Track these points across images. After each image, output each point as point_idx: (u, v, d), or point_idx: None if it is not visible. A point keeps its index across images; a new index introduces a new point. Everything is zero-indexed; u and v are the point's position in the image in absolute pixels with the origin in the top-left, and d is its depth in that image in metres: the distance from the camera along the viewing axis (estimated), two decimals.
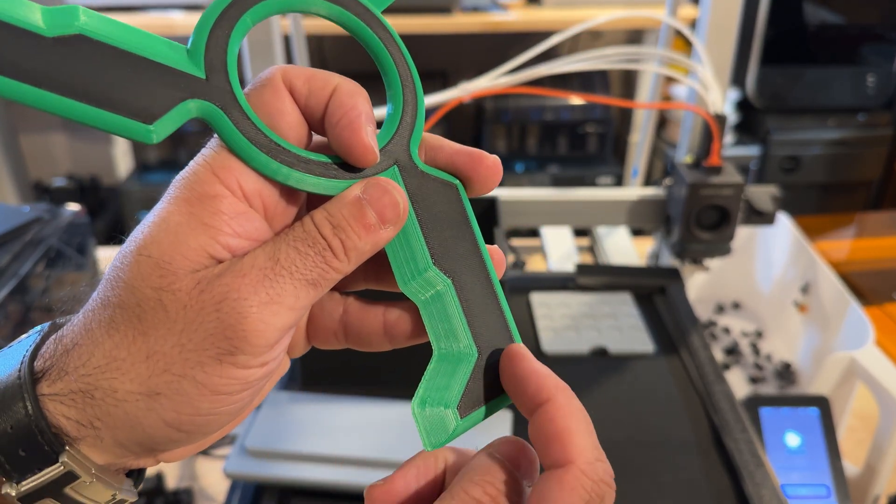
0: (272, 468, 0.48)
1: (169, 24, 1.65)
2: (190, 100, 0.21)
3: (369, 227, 0.22)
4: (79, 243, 0.70)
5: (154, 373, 0.20)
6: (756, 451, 0.51)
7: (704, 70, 0.66)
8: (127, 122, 0.20)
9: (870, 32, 1.94)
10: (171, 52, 0.21)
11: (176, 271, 0.20)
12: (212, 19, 0.22)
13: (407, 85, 0.25)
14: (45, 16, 0.20)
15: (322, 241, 0.21)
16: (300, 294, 0.21)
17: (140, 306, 0.20)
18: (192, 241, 0.20)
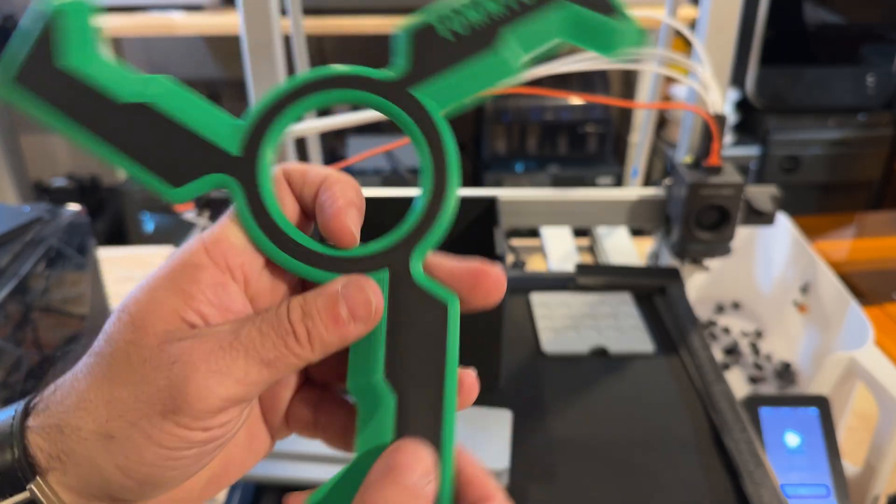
0: (272, 467, 0.48)
1: (169, 25, 1.65)
2: (217, 174, 0.24)
3: (338, 320, 0.23)
4: (79, 243, 0.70)
5: (111, 417, 0.21)
6: (756, 451, 0.51)
7: (704, 70, 0.66)
8: (156, 180, 0.24)
9: (870, 32, 1.94)
10: (218, 125, 0.24)
11: (147, 329, 0.22)
12: (266, 104, 0.24)
13: (437, 198, 0.25)
14: (124, 84, 0.24)
15: (287, 326, 0.22)
16: (251, 370, 0.22)
17: (112, 356, 0.22)
18: (167, 304, 0.22)
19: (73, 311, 0.69)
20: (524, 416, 0.56)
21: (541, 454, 0.52)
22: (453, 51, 0.25)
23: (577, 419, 0.56)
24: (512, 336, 0.66)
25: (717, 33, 0.68)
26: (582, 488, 0.50)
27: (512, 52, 0.25)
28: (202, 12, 1.69)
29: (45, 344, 0.63)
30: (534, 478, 0.50)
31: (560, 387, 0.60)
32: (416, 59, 0.25)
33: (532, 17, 0.25)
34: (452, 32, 0.25)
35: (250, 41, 0.67)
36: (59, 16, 0.24)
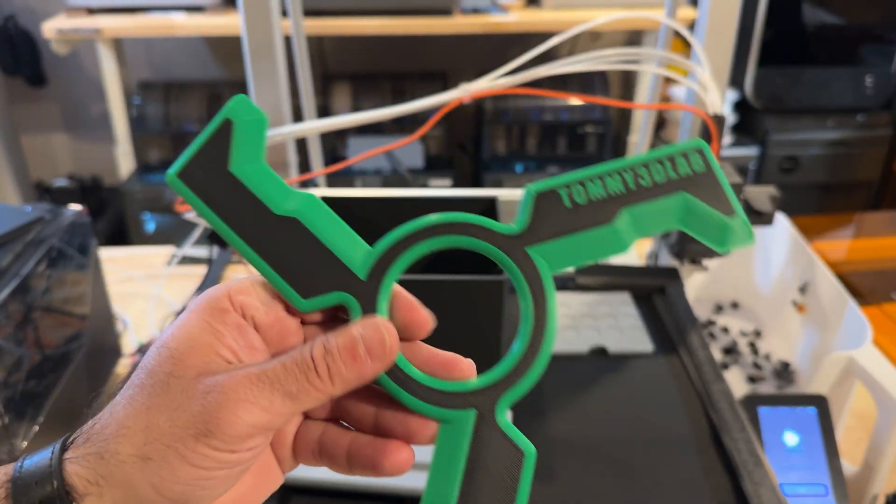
0: None
1: (170, 26, 1.65)
2: (342, 292, 0.26)
3: (356, 357, 0.25)
4: (80, 243, 0.70)
5: (148, 440, 0.24)
6: (755, 450, 0.51)
7: (703, 71, 0.66)
8: (288, 288, 0.26)
9: (869, 33, 1.94)
10: (353, 248, 0.26)
11: (185, 361, 0.25)
12: (396, 237, 0.27)
13: (532, 352, 0.26)
14: (280, 197, 0.26)
15: (309, 362, 0.25)
16: (275, 401, 0.24)
17: (153, 387, 0.24)
18: (202, 340, 0.25)
19: (74, 311, 0.69)
20: (524, 416, 0.56)
21: (540, 453, 0.52)
22: (572, 219, 0.26)
23: (577, 418, 0.56)
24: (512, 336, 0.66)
25: (715, 34, 0.69)
26: (581, 487, 0.50)
27: (626, 231, 0.26)
28: (203, 13, 1.69)
29: (46, 344, 0.63)
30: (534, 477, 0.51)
31: (560, 386, 0.60)
32: (536, 219, 0.27)
33: (651, 201, 0.26)
34: (573, 201, 0.27)
35: (251, 42, 0.68)
36: (235, 125, 0.26)
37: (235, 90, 1.81)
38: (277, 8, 0.68)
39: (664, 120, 1.96)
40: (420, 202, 0.68)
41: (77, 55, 2.04)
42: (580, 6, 1.76)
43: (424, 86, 1.87)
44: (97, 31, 1.63)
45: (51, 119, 2.15)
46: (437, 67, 2.01)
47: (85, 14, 1.68)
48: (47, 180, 2.00)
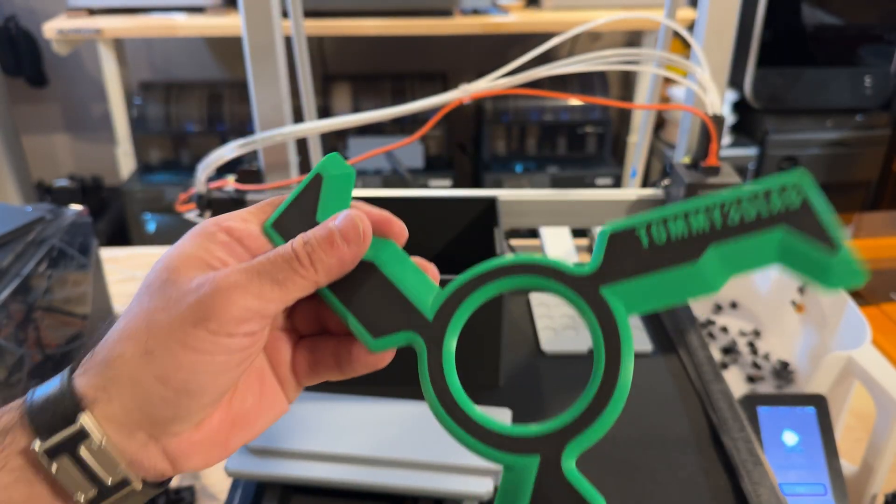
0: (273, 466, 0.48)
1: (171, 26, 1.66)
2: (410, 331, 0.27)
3: (333, 243, 0.27)
4: (81, 243, 0.70)
5: (150, 336, 0.25)
6: (754, 450, 0.52)
7: (702, 71, 0.66)
8: (360, 327, 0.28)
9: (867, 33, 1.94)
10: (423, 290, 0.28)
11: (180, 271, 0.26)
12: (465, 279, 0.27)
13: (603, 399, 0.25)
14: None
15: (290, 253, 0.27)
16: (265, 287, 0.26)
17: (150, 293, 0.26)
18: (195, 255, 0.27)
19: (75, 311, 0.69)
20: (524, 416, 0.56)
21: None
22: (651, 258, 0.25)
23: None
24: (511, 336, 0.66)
25: (715, 35, 0.69)
26: None
27: (714, 270, 0.25)
28: (204, 14, 1.69)
29: (47, 343, 0.63)
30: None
31: (559, 386, 0.60)
32: (611, 259, 0.26)
33: (743, 238, 0.25)
34: (652, 241, 0.25)
35: (252, 43, 0.68)
36: (325, 180, 0.29)
37: (236, 90, 1.82)
38: (278, 8, 0.68)
39: (664, 120, 1.97)
40: (420, 202, 0.68)
41: (78, 56, 2.04)
42: (580, 7, 1.76)
43: (424, 86, 1.87)
44: (98, 32, 1.63)
45: (52, 119, 2.15)
46: (437, 68, 2.01)
47: (86, 14, 1.69)
48: (48, 180, 2.01)
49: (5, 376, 0.56)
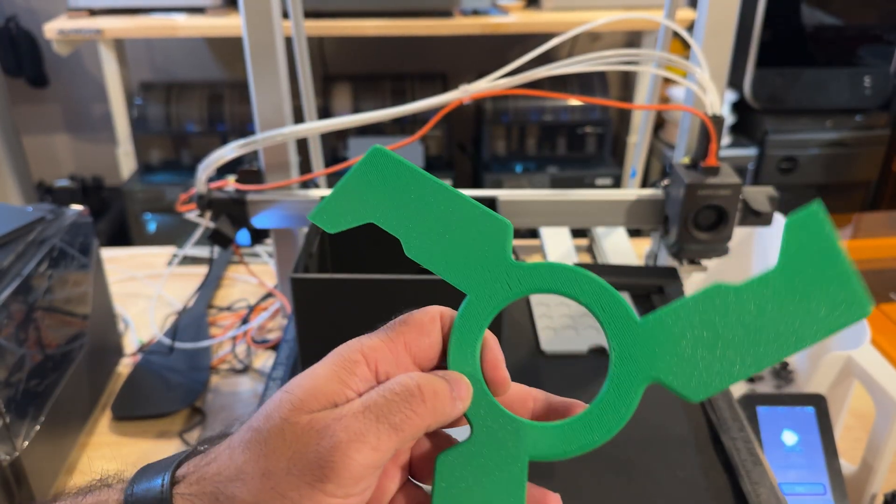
0: None
1: (172, 27, 1.66)
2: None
3: (451, 394, 0.27)
4: (82, 243, 0.70)
5: (264, 488, 0.24)
6: (753, 450, 0.52)
7: (702, 72, 0.66)
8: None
9: (867, 34, 1.94)
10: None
11: (303, 407, 0.25)
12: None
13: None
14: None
15: (413, 388, 0.26)
16: (381, 436, 0.25)
17: (269, 432, 0.25)
18: (325, 388, 0.26)
19: (76, 311, 0.69)
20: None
21: None
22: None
23: None
24: (511, 336, 0.66)
25: (714, 35, 0.69)
26: (580, 487, 0.50)
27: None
28: (204, 14, 1.69)
29: (47, 343, 0.63)
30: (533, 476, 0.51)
31: (559, 386, 0.60)
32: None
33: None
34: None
35: (252, 43, 0.68)
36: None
37: (236, 90, 1.82)
38: (278, 9, 0.68)
39: (663, 120, 1.97)
40: None
41: (78, 56, 2.04)
42: (580, 7, 1.76)
43: (424, 86, 1.87)
44: (98, 32, 1.63)
45: (52, 119, 2.15)
46: (437, 68, 2.01)
47: (86, 15, 1.69)
48: (49, 181, 2.01)
49: (6, 376, 0.56)
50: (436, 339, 0.28)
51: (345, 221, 0.28)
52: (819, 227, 0.25)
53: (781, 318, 0.25)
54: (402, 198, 0.28)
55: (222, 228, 0.72)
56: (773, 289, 0.25)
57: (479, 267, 0.28)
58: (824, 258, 0.25)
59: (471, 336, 0.28)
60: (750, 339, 0.25)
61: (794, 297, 0.25)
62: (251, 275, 0.93)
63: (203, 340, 0.82)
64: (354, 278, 0.55)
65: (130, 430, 0.71)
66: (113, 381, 0.78)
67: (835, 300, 0.25)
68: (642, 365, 0.26)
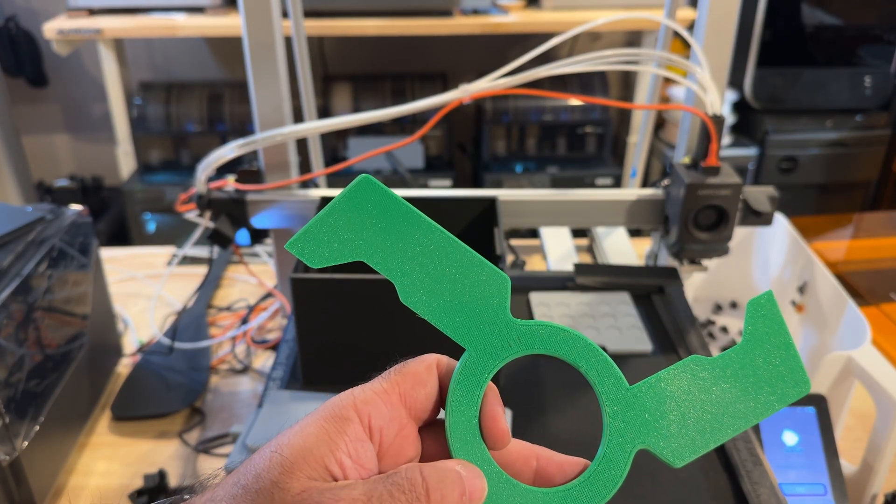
0: None
1: (171, 26, 1.66)
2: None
3: (462, 495, 0.25)
4: (81, 243, 0.70)
5: None
6: (754, 450, 0.52)
7: (702, 71, 0.66)
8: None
9: (867, 33, 1.94)
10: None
11: (293, 472, 0.24)
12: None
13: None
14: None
15: (421, 489, 0.24)
16: None
17: (258, 493, 0.24)
18: (316, 451, 0.24)
19: (76, 311, 0.69)
20: (524, 415, 0.56)
21: None
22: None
23: (576, 418, 0.57)
24: None
25: (715, 35, 0.69)
26: None
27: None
28: (204, 14, 1.69)
29: (47, 343, 0.63)
30: None
31: (559, 386, 0.60)
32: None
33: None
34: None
35: (252, 43, 0.68)
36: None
37: (236, 90, 1.82)
38: (278, 9, 0.68)
39: (664, 120, 1.97)
40: (420, 202, 0.68)
41: (78, 56, 2.04)
42: (580, 7, 1.76)
43: (424, 86, 1.87)
44: (98, 32, 1.63)
45: (52, 119, 2.15)
46: (438, 68, 2.01)
47: (86, 15, 1.69)
48: (49, 180, 2.01)
49: (5, 376, 0.56)
50: (432, 389, 0.28)
51: (329, 255, 0.26)
52: (771, 311, 0.28)
53: (746, 389, 0.27)
54: (395, 237, 0.27)
55: (222, 228, 0.72)
56: (740, 362, 0.27)
57: (479, 322, 0.27)
58: (776, 340, 0.28)
59: (470, 392, 0.27)
60: (721, 410, 0.27)
61: (756, 370, 0.27)
62: (251, 275, 0.93)
63: (203, 340, 0.82)
64: (354, 278, 0.55)
65: (130, 430, 0.71)
66: (113, 381, 0.78)
67: (784, 377, 0.27)
68: (634, 431, 0.27)
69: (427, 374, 0.27)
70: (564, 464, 0.28)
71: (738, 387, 0.27)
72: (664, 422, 0.27)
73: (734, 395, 0.27)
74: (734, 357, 0.27)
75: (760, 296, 0.28)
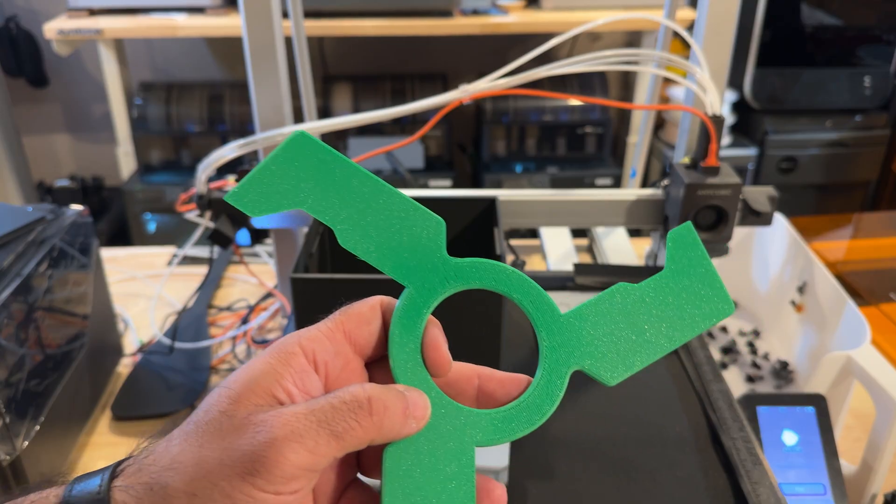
0: None
1: (172, 26, 1.66)
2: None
3: (404, 411, 0.27)
4: (82, 243, 0.70)
5: (196, 477, 0.24)
6: (753, 450, 0.52)
7: (702, 72, 0.66)
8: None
9: (867, 34, 1.94)
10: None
11: (240, 400, 0.25)
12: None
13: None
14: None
15: (362, 399, 0.26)
16: (320, 440, 0.24)
17: (207, 423, 0.25)
18: (262, 380, 0.26)
19: (76, 311, 0.69)
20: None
21: (540, 452, 0.52)
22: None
23: (576, 418, 0.57)
24: (511, 336, 0.66)
25: (714, 35, 0.69)
26: (580, 486, 0.50)
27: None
28: (204, 14, 1.69)
29: (47, 343, 0.63)
30: (533, 476, 0.51)
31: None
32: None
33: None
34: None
35: (252, 43, 0.68)
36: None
37: (236, 91, 1.82)
38: (278, 9, 0.68)
39: (663, 120, 1.97)
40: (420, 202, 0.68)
41: (78, 56, 2.04)
42: (580, 7, 1.76)
43: (424, 87, 1.87)
44: (98, 32, 1.63)
45: (52, 120, 2.15)
46: (437, 68, 2.01)
47: (86, 15, 1.69)
48: (49, 181, 2.01)
49: (6, 376, 0.56)
50: (376, 327, 0.29)
51: (268, 205, 0.27)
52: (692, 240, 0.30)
53: (671, 313, 0.29)
54: (332, 187, 0.28)
55: (222, 228, 0.72)
56: (664, 289, 0.29)
57: (416, 260, 0.29)
58: (696, 266, 0.30)
59: (412, 325, 0.28)
60: (649, 331, 0.29)
61: (680, 295, 0.29)
62: (251, 275, 0.93)
63: (203, 340, 0.82)
64: (354, 278, 0.55)
65: (130, 430, 0.71)
66: (113, 381, 0.78)
67: (707, 299, 0.29)
68: (568, 354, 0.29)
69: (371, 314, 0.29)
70: (505, 380, 0.30)
71: (665, 310, 0.29)
72: (596, 344, 0.29)
73: (661, 318, 0.29)
74: (659, 283, 0.29)
75: (680, 226, 0.30)
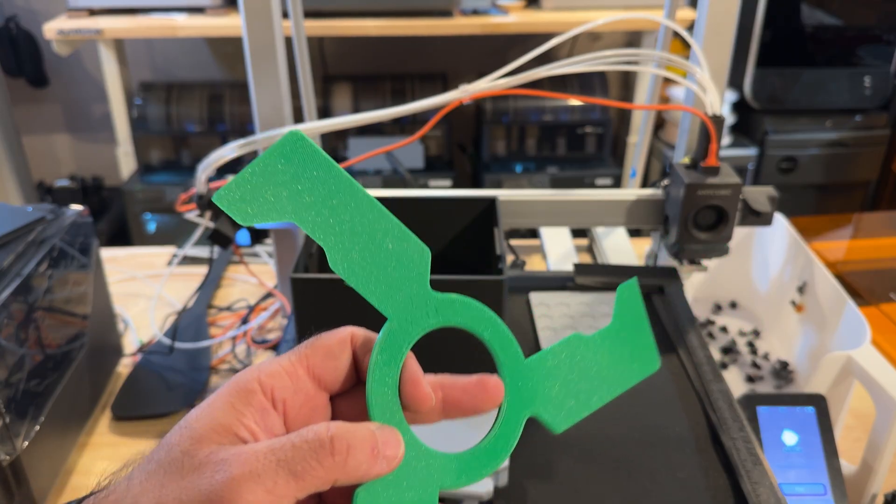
0: None
1: (172, 27, 1.66)
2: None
3: (372, 451, 0.26)
4: (82, 243, 0.70)
5: None
6: (753, 450, 0.52)
7: (702, 72, 0.66)
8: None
9: (867, 34, 1.94)
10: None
11: (203, 440, 0.25)
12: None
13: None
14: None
15: (323, 439, 0.25)
16: (279, 481, 0.24)
17: (169, 463, 0.25)
18: (223, 419, 0.25)
19: (76, 311, 0.69)
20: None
21: (539, 452, 0.52)
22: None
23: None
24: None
25: (714, 35, 0.69)
26: (580, 486, 0.50)
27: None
28: (204, 14, 1.69)
29: (47, 343, 0.63)
30: (533, 476, 0.51)
31: None
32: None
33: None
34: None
35: (252, 43, 0.68)
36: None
37: (236, 90, 1.82)
38: (278, 9, 0.68)
39: (663, 120, 1.97)
40: (420, 202, 0.68)
41: (78, 56, 2.04)
42: (580, 7, 1.77)
43: (424, 87, 1.87)
44: (98, 32, 1.63)
45: (52, 120, 2.15)
46: (437, 68, 2.01)
47: (86, 15, 1.69)
48: (49, 181, 2.01)
49: (6, 376, 0.56)
50: (344, 361, 0.28)
51: (256, 213, 0.26)
52: (634, 297, 0.31)
53: (615, 364, 0.31)
54: (324, 200, 0.26)
55: (222, 228, 0.72)
56: (612, 340, 0.31)
57: (402, 292, 0.28)
58: (636, 322, 0.31)
59: (391, 360, 0.27)
60: (596, 381, 0.31)
61: (623, 348, 0.31)
62: (251, 275, 0.93)
63: (203, 340, 0.82)
64: None
65: (130, 431, 0.71)
66: (113, 381, 0.78)
67: (642, 355, 0.32)
68: (526, 400, 0.30)
69: (339, 347, 0.28)
70: (469, 386, 0.29)
71: (609, 361, 0.31)
72: (550, 392, 0.30)
73: (606, 369, 0.31)
74: (606, 336, 0.31)
75: (627, 283, 0.32)
